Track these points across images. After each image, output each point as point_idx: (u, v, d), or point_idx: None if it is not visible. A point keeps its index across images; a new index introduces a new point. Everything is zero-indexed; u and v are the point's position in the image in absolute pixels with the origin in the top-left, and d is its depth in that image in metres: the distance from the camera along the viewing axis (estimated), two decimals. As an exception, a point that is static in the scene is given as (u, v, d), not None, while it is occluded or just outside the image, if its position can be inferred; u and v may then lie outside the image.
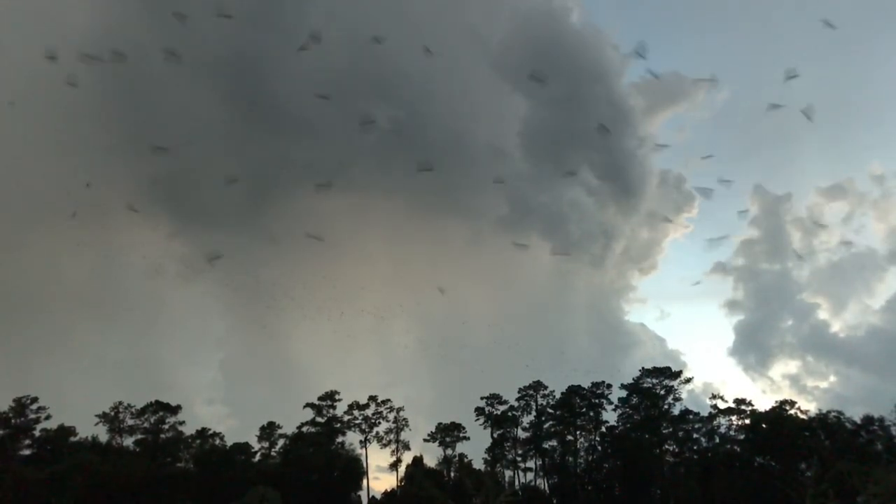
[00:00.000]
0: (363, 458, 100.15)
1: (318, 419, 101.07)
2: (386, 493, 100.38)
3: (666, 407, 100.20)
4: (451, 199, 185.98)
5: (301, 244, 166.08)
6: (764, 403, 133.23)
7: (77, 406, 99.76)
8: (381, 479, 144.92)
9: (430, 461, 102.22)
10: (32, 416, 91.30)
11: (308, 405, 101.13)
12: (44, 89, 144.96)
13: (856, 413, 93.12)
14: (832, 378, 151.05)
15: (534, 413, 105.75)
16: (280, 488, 78.01)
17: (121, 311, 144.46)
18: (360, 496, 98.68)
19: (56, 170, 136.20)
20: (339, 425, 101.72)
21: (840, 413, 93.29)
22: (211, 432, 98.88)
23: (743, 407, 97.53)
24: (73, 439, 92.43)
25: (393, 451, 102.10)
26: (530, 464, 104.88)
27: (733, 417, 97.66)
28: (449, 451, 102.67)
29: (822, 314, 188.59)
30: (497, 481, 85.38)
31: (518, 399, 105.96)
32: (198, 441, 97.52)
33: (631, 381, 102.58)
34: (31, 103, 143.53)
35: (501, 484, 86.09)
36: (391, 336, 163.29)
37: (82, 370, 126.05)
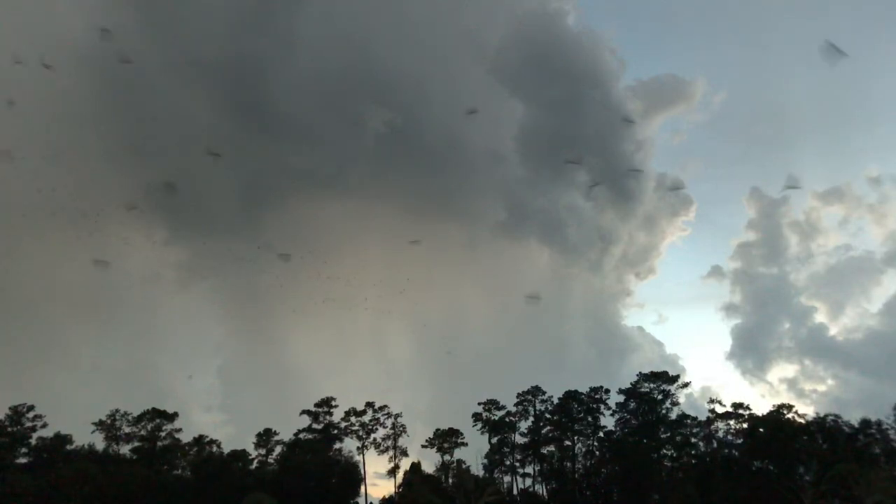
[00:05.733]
0: (361, 465, 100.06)
1: (315, 426, 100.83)
2: (384, 500, 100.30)
3: (664, 411, 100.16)
4: (448, 204, 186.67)
5: (298, 250, 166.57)
6: (762, 407, 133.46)
7: (73, 414, 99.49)
8: (378, 486, 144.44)
9: (428, 467, 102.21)
10: (29, 424, 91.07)
11: (304, 412, 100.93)
12: (40, 94, 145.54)
13: (854, 416, 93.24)
14: (830, 381, 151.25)
15: (532, 418, 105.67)
16: (277, 495, 77.92)
17: (117, 318, 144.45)
18: (358, 502, 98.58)
19: (53, 176, 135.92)
20: (336, 432, 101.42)
21: (838, 416, 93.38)
22: (208, 439, 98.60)
23: (741, 411, 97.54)
24: (69, 447, 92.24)
25: (391, 458, 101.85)
26: (528, 469, 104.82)
27: (731, 422, 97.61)
28: (447, 458, 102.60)
29: (820, 317, 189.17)
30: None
31: (516, 404, 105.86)
32: (195, 448, 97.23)
33: (629, 385, 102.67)
34: (28, 108, 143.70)
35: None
36: (388, 342, 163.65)
37: (79, 378, 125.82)
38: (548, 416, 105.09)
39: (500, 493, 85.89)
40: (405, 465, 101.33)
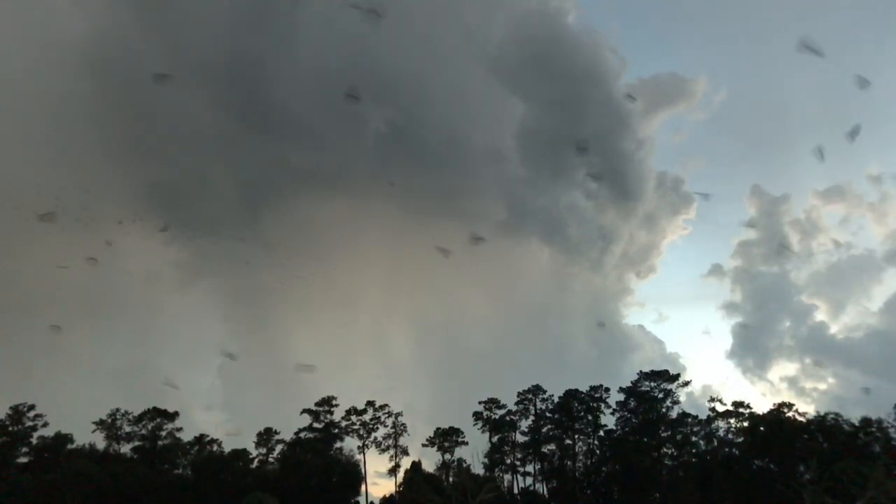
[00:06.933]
0: (361, 464, 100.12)
1: (316, 425, 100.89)
2: (384, 499, 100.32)
3: (664, 410, 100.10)
4: (448, 203, 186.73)
5: (299, 249, 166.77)
6: (763, 406, 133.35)
7: (74, 413, 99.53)
8: (379, 485, 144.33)
9: (429, 466, 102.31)
10: (29, 423, 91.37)
11: (305, 411, 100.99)
12: (41, 96, 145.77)
13: (854, 415, 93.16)
14: (831, 380, 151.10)
15: (532, 417, 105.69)
16: (278, 494, 77.88)
17: (118, 318, 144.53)
18: (358, 502, 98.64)
19: (53, 176, 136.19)
20: (336, 431, 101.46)
21: (838, 415, 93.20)
22: (209, 439, 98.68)
23: (741, 409, 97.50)
24: (70, 447, 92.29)
25: (391, 457, 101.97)
26: (529, 468, 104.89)
27: (732, 420, 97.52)
28: (447, 456, 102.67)
29: (821, 316, 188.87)
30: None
31: (517, 403, 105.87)
32: (195, 447, 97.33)
33: (629, 384, 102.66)
34: (29, 109, 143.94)
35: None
36: (389, 341, 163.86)
37: (79, 377, 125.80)
38: (548, 414, 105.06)
39: (498, 490, 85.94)
40: (406, 463, 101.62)
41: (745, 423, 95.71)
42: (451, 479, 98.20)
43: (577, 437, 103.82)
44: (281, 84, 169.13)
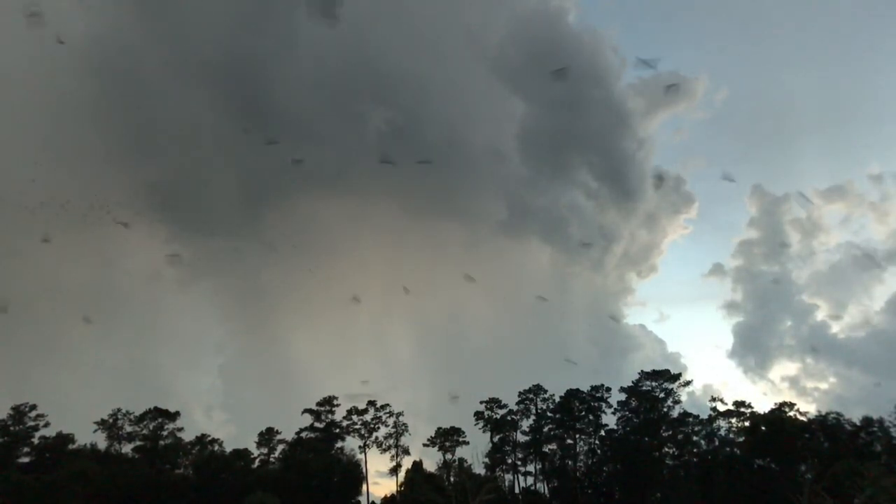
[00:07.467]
0: (363, 463, 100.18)
1: (317, 424, 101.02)
2: (386, 498, 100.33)
3: (665, 410, 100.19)
4: (449, 203, 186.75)
5: (298, 249, 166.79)
6: (764, 405, 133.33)
7: (75, 413, 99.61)
8: (380, 485, 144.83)
9: (430, 466, 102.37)
10: (31, 423, 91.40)
11: (306, 411, 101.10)
12: (41, 94, 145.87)
13: (856, 414, 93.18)
14: (832, 379, 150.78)
15: (533, 417, 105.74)
16: (279, 494, 77.96)
17: (119, 317, 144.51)
18: (359, 501, 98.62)
19: (54, 176, 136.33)
20: (338, 430, 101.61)
21: (839, 414, 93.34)
22: (210, 439, 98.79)
23: (742, 409, 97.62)
24: (71, 447, 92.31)
25: (392, 456, 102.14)
26: (530, 468, 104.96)
27: (733, 420, 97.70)
28: (448, 456, 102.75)
29: (822, 315, 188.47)
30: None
31: (518, 403, 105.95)
32: (197, 447, 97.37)
33: (630, 384, 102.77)
34: (29, 108, 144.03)
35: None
36: (389, 341, 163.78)
37: (81, 377, 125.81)
38: (549, 414, 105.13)
39: (498, 489, 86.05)
40: (407, 463, 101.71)
41: (747, 423, 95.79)
42: (452, 478, 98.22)
43: (578, 436, 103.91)
44: (282, 84, 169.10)
